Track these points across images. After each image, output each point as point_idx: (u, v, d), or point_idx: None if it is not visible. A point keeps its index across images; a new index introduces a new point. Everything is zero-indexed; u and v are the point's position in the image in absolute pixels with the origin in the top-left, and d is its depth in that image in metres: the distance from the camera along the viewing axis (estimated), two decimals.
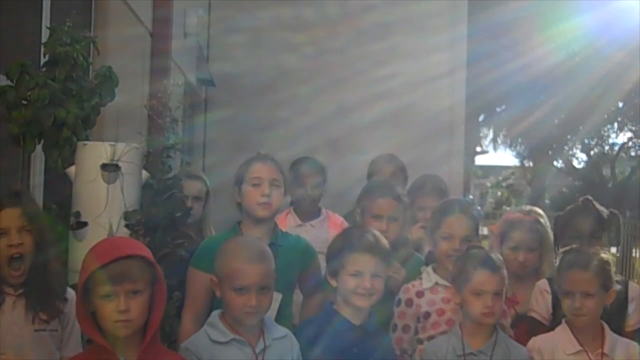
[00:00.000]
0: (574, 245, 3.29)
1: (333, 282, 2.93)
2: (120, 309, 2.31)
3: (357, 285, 2.84)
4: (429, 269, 3.34)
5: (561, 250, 3.29)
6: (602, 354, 3.01)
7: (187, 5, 6.75)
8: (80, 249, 2.99)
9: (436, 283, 3.25)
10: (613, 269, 3.13)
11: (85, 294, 2.36)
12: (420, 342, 3.19)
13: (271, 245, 3.00)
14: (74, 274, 2.99)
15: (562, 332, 3.10)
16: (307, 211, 4.30)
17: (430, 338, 3.15)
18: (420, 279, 3.31)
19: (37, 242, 2.70)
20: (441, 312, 3.21)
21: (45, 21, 3.80)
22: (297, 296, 3.31)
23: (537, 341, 3.12)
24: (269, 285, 2.66)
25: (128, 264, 2.36)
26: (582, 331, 3.05)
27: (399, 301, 3.27)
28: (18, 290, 2.68)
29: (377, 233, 3.02)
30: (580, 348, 3.02)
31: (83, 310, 2.37)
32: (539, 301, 3.47)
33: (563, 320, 3.13)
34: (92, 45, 3.38)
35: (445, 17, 7.85)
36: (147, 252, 2.45)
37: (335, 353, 2.80)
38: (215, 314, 2.71)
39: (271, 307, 2.77)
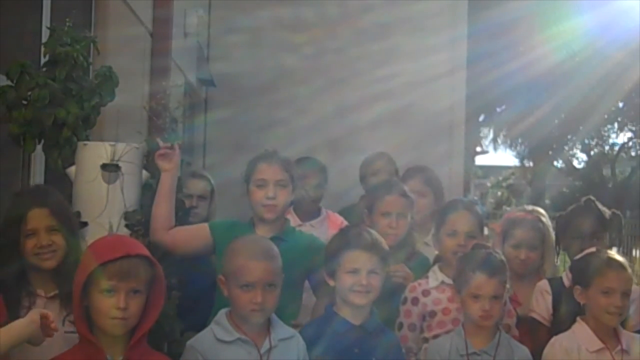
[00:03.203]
0: (595, 248, 3.28)
1: (331, 282, 2.93)
2: (119, 306, 2.32)
3: (354, 282, 2.85)
4: (436, 267, 3.36)
5: (588, 251, 3.27)
6: (622, 350, 3.02)
7: (187, 5, 6.75)
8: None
9: (442, 282, 3.26)
10: None
11: (83, 287, 2.36)
12: (426, 341, 3.21)
13: (274, 238, 3.02)
14: None
15: (581, 330, 3.10)
16: (307, 211, 4.30)
17: (436, 337, 3.17)
18: (427, 277, 3.33)
19: (67, 240, 2.71)
20: (447, 311, 3.22)
21: (45, 21, 3.80)
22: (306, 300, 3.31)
23: (561, 340, 3.12)
24: (275, 282, 2.67)
25: (135, 262, 2.39)
26: (601, 329, 3.07)
27: (405, 299, 3.29)
28: (49, 292, 2.68)
29: (374, 232, 3.02)
30: (603, 345, 3.04)
31: (80, 305, 2.36)
32: (540, 302, 3.47)
33: (578, 319, 3.13)
34: (92, 45, 3.38)
35: (445, 17, 7.83)
36: (149, 254, 2.47)
37: (336, 354, 2.80)
38: (222, 312, 2.72)
39: None
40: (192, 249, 3.25)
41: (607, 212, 3.81)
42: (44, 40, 3.34)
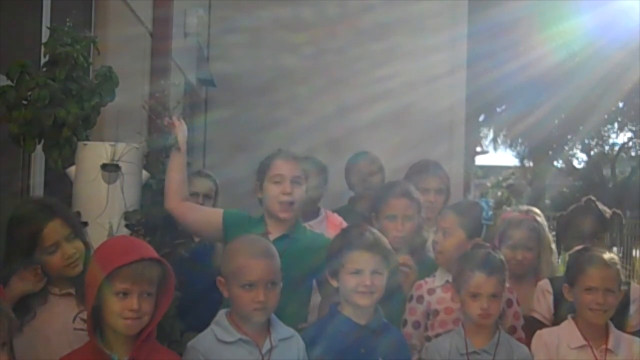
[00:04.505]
0: (583, 246, 3.30)
1: (334, 283, 2.93)
2: (133, 308, 2.36)
3: (358, 283, 2.84)
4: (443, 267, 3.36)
5: (574, 249, 3.29)
6: (606, 350, 3.03)
7: (187, 5, 6.74)
8: None
9: (447, 281, 3.26)
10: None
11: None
12: (429, 339, 3.22)
13: (284, 237, 3.02)
14: None
15: (567, 327, 3.12)
16: (306, 211, 4.27)
17: (438, 336, 3.17)
18: (434, 276, 3.33)
19: (84, 242, 2.75)
20: (449, 311, 3.22)
21: (45, 21, 3.79)
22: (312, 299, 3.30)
23: (542, 335, 3.14)
24: (275, 281, 2.67)
25: (149, 266, 2.42)
26: (589, 328, 3.07)
27: (411, 297, 3.31)
28: (63, 290, 2.71)
29: (377, 231, 3.02)
30: (585, 343, 3.05)
31: (91, 306, 2.39)
32: (541, 301, 3.47)
33: (569, 316, 3.14)
34: (92, 45, 3.38)
35: (445, 17, 7.83)
36: (163, 259, 2.51)
37: (341, 355, 2.79)
38: (222, 312, 2.72)
39: None
40: (200, 231, 3.35)
41: (607, 212, 3.81)
42: (44, 40, 3.35)
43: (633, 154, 24.25)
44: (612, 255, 3.18)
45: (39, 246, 2.66)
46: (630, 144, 24.06)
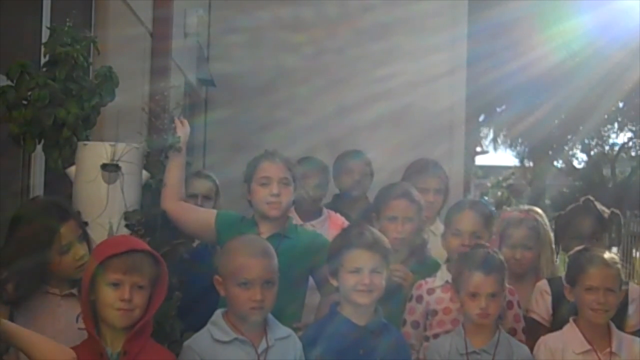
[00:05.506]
0: (583, 246, 3.30)
1: (334, 282, 2.93)
2: (124, 298, 2.40)
3: (357, 282, 2.84)
4: (444, 267, 3.37)
5: (575, 249, 3.29)
6: (611, 352, 3.03)
7: (187, 5, 6.74)
8: None
9: (447, 281, 3.27)
10: None
11: (90, 282, 2.44)
12: (427, 339, 3.22)
13: (277, 236, 3.02)
14: None
15: (570, 331, 3.11)
16: (308, 211, 4.29)
17: (436, 336, 3.18)
18: (435, 276, 3.34)
19: (89, 244, 2.77)
20: (447, 311, 3.23)
21: (45, 21, 3.79)
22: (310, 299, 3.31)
23: (547, 341, 3.13)
24: (273, 280, 2.68)
25: (140, 258, 2.47)
26: (591, 330, 3.07)
27: (411, 297, 3.32)
28: (64, 290, 2.72)
29: (376, 231, 3.02)
30: (590, 347, 3.05)
31: (87, 300, 2.44)
32: (539, 302, 3.47)
33: (571, 319, 3.14)
34: (92, 45, 3.38)
35: (445, 17, 7.83)
36: (155, 252, 2.54)
37: (340, 355, 2.79)
38: (219, 312, 2.73)
39: None
40: (194, 231, 3.35)
41: (606, 212, 3.81)
42: (44, 40, 3.34)
43: (633, 154, 24.27)
44: (612, 255, 3.19)
45: (54, 245, 2.67)
46: (630, 144, 24.09)
